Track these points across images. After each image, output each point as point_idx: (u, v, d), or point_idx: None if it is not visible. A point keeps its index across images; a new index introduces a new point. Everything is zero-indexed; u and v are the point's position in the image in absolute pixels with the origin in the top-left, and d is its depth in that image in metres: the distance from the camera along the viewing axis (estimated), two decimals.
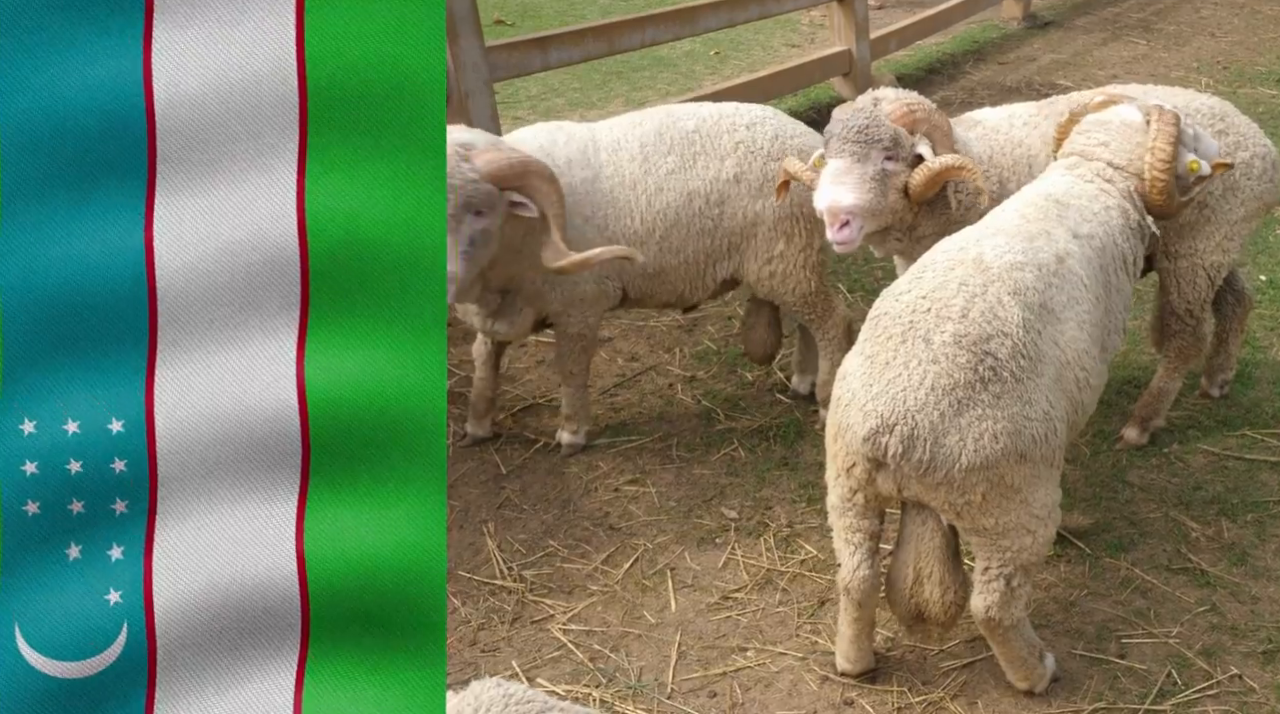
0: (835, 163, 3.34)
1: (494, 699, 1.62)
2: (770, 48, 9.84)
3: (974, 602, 2.74)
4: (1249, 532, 3.51)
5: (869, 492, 2.69)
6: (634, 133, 3.82)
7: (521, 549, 3.63)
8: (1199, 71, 8.73)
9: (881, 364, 2.56)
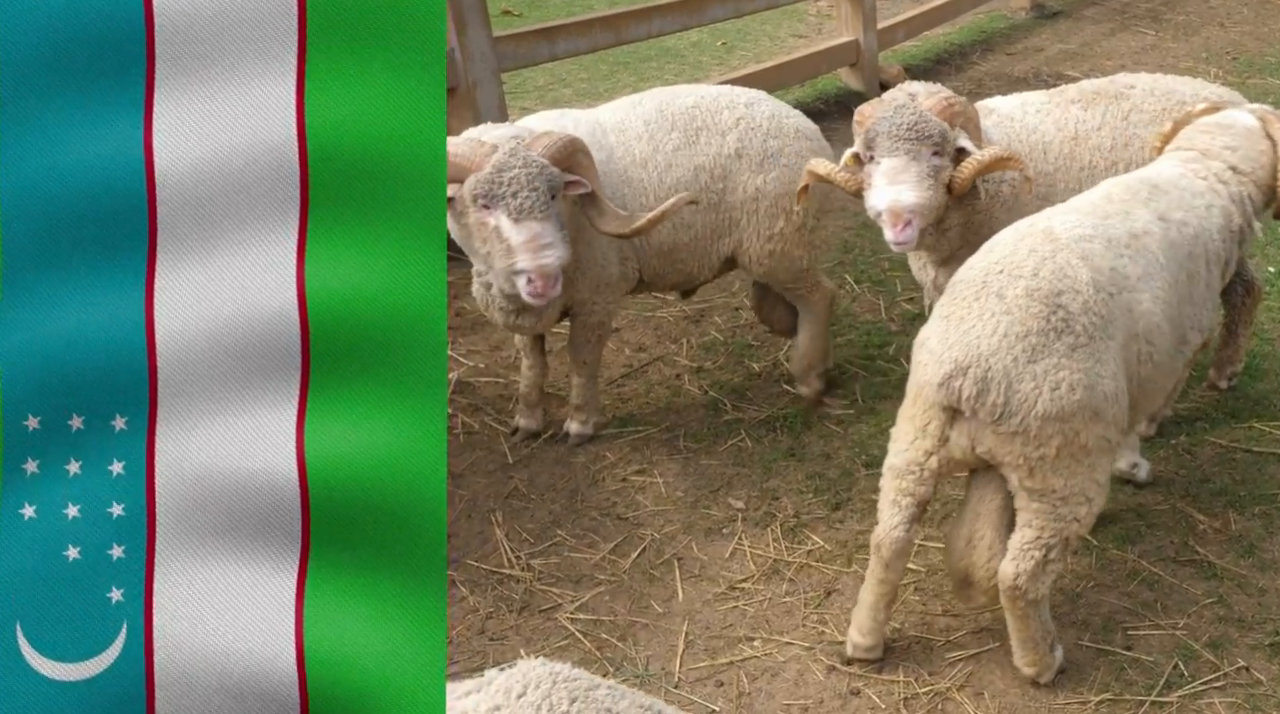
0: (890, 161, 3.28)
1: (541, 677, 1.63)
2: (777, 38, 9.82)
3: (1004, 567, 2.77)
4: (1256, 524, 3.51)
5: (943, 454, 2.75)
6: (635, 113, 3.88)
7: (529, 538, 3.64)
8: (1208, 62, 8.69)
9: (956, 320, 2.68)
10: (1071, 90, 3.93)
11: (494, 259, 3.28)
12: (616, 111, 3.91)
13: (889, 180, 3.26)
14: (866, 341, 4.68)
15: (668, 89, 4.06)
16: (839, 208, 6.13)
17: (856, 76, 7.90)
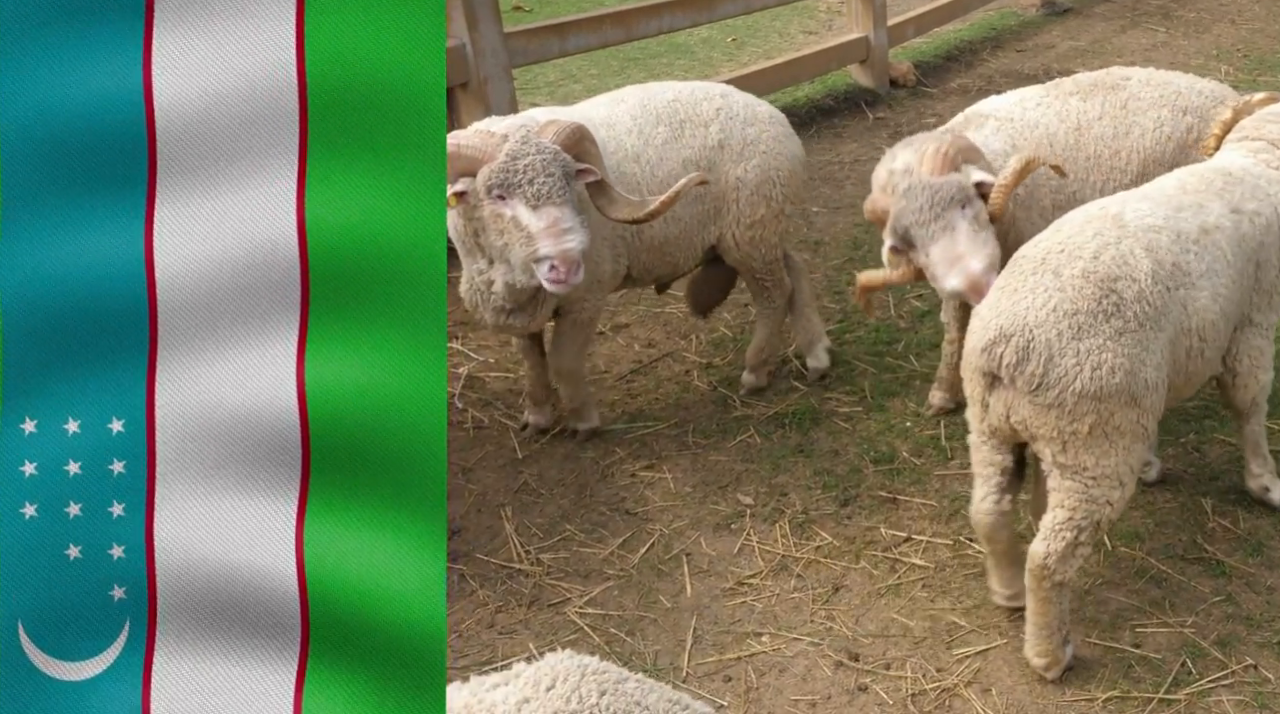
0: (938, 247, 3.19)
1: (570, 670, 1.64)
2: (787, 35, 9.81)
3: (1035, 546, 2.81)
4: (1265, 522, 3.51)
5: (988, 420, 2.81)
6: (620, 109, 3.87)
7: (539, 533, 3.66)
8: (1219, 59, 8.67)
9: (1010, 291, 2.74)
10: (1067, 83, 3.94)
11: (512, 250, 3.23)
12: (599, 108, 3.89)
13: (949, 261, 3.17)
14: (875, 338, 4.68)
15: (641, 86, 4.08)
16: (847, 204, 6.14)
17: (867, 73, 7.90)
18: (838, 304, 5.00)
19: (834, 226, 5.87)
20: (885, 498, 3.74)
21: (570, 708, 1.55)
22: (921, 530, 3.58)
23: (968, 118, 3.77)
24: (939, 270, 3.20)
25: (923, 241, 3.22)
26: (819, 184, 6.46)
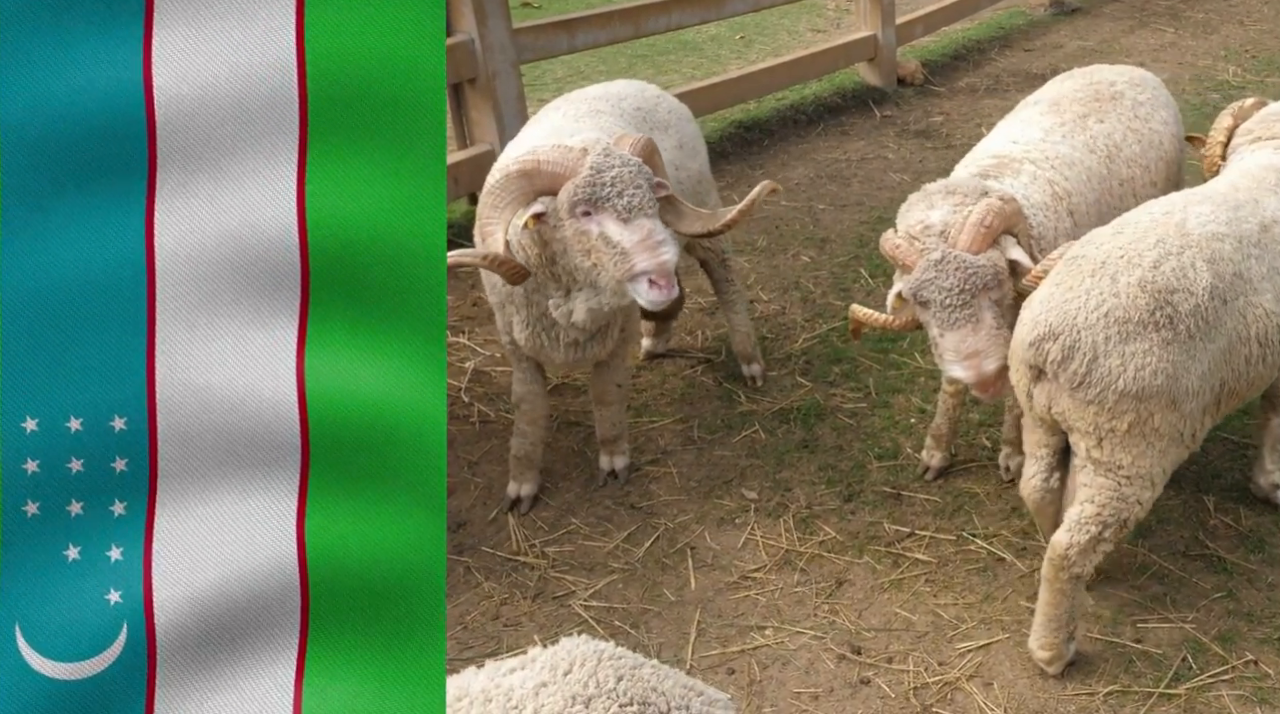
0: (953, 336, 2.99)
1: (587, 655, 1.65)
2: (796, 32, 9.82)
3: (1058, 537, 2.85)
4: (1267, 519, 3.52)
5: (1033, 410, 2.87)
6: (605, 120, 3.66)
7: (544, 526, 3.68)
8: (1227, 60, 8.66)
9: (1065, 288, 2.77)
10: (1065, 102, 3.72)
11: (602, 270, 3.03)
12: (581, 119, 3.65)
13: (961, 356, 2.99)
14: (880, 335, 4.69)
15: (598, 92, 3.92)
16: (854, 202, 6.16)
17: (874, 72, 7.90)
18: (843, 301, 5.02)
19: (840, 224, 5.88)
20: (889, 493, 3.76)
21: (588, 692, 1.57)
22: (925, 526, 3.60)
23: (1000, 162, 3.42)
24: (948, 356, 3.02)
25: (941, 322, 3.01)
26: (826, 182, 6.47)
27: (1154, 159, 3.73)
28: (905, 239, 3.15)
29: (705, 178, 4.12)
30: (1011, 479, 3.76)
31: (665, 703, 1.60)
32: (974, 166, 3.43)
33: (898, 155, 6.85)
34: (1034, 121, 3.66)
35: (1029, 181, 3.33)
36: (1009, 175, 3.35)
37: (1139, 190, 3.67)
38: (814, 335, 4.74)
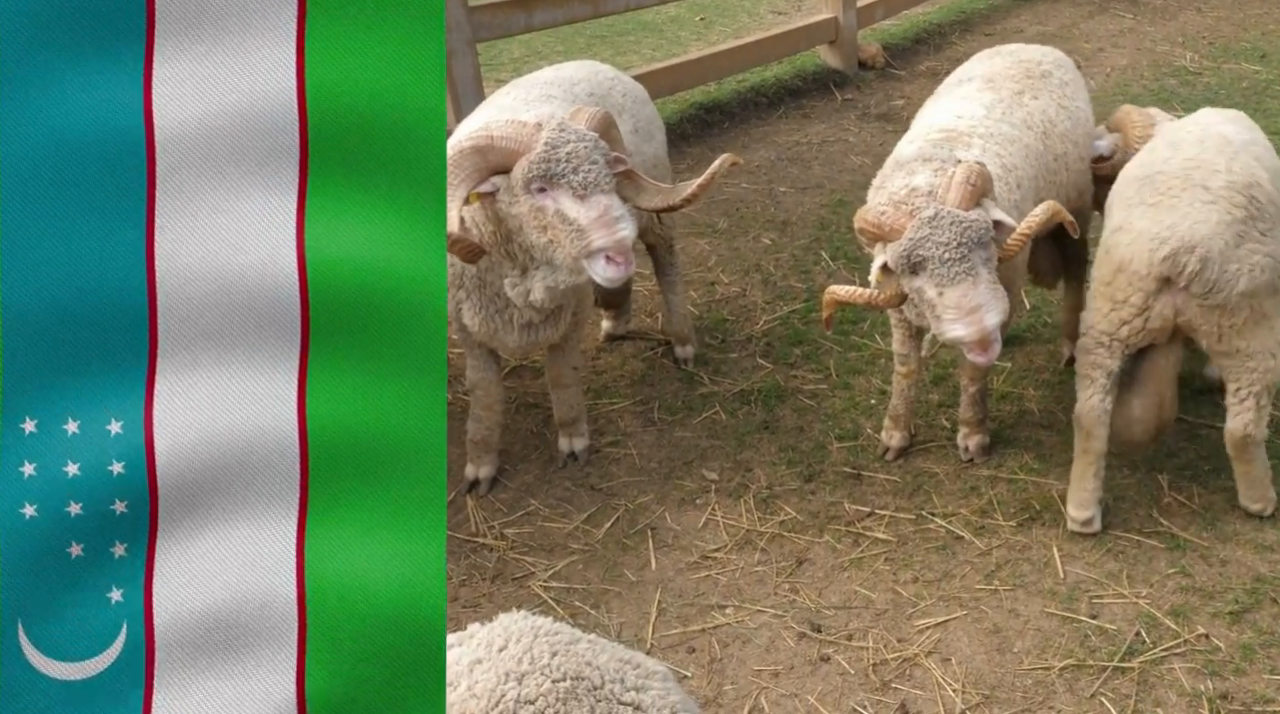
0: (954, 291, 2.98)
1: (523, 631, 1.64)
2: (756, 14, 9.80)
3: (1231, 425, 3.27)
4: (1220, 497, 3.57)
5: (1136, 323, 3.15)
6: (557, 106, 3.60)
7: (503, 508, 3.65)
8: (1184, 46, 8.75)
9: (1167, 208, 3.08)
10: (1001, 81, 3.73)
11: (558, 247, 2.99)
12: (537, 104, 3.61)
13: (963, 311, 2.98)
14: (841, 317, 4.70)
15: (549, 76, 3.88)
16: (814, 185, 6.16)
17: (835, 54, 7.90)
18: (804, 283, 5.02)
19: (801, 207, 5.88)
20: (849, 474, 3.77)
21: (522, 669, 1.56)
22: (885, 505, 3.61)
23: (949, 136, 3.44)
24: (948, 314, 3.00)
25: (940, 279, 3.00)
26: (787, 164, 6.47)
27: (1080, 136, 3.82)
28: (890, 205, 3.14)
29: (661, 162, 4.10)
30: (970, 459, 3.79)
31: (600, 676, 1.60)
32: (921, 141, 3.44)
33: (859, 138, 6.86)
34: (973, 97, 3.69)
35: (979, 154, 3.36)
36: (961, 148, 3.37)
37: (1070, 165, 3.76)
38: (775, 317, 4.74)
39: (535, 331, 3.45)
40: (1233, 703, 2.82)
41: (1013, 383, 4.23)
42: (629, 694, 1.60)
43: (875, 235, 3.16)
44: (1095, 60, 8.32)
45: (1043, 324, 4.64)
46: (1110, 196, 3.37)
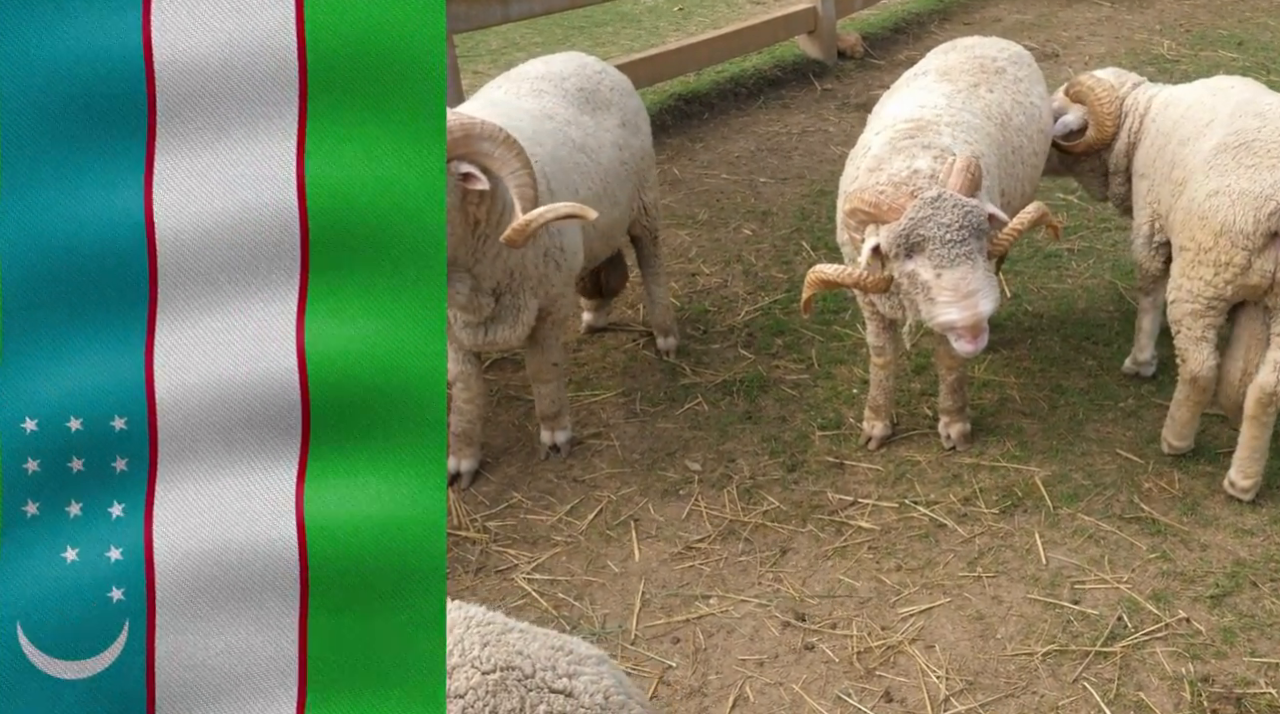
0: (952, 273, 2.96)
1: (455, 621, 1.64)
2: (735, 4, 9.78)
3: (1263, 378, 3.31)
4: (1200, 483, 3.59)
5: (1238, 283, 3.28)
6: (548, 101, 3.66)
7: (485, 501, 3.64)
8: (1161, 34, 8.78)
9: (1267, 168, 3.23)
10: (956, 75, 3.76)
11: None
12: (528, 98, 3.64)
13: (960, 294, 2.95)
14: (822, 307, 4.70)
15: (536, 69, 3.88)
16: (795, 175, 6.16)
17: (814, 44, 7.90)
18: (785, 274, 5.02)
19: (781, 197, 5.88)
20: (832, 463, 3.78)
21: (451, 662, 1.56)
22: (868, 494, 3.62)
23: (918, 125, 3.41)
24: (944, 296, 2.97)
25: (939, 260, 2.97)
26: (766, 155, 6.46)
27: (1034, 131, 3.87)
28: (890, 186, 3.12)
29: (648, 154, 4.14)
30: (952, 447, 3.80)
31: (531, 665, 1.60)
32: (891, 131, 3.43)
33: (839, 128, 6.85)
34: (932, 88, 3.70)
35: (950, 143, 3.36)
36: (932, 136, 3.36)
37: (1026, 158, 3.80)
38: (756, 307, 4.74)
39: (486, 331, 3.40)
40: (1214, 685, 2.84)
41: (994, 371, 4.25)
42: (560, 681, 1.60)
43: (870, 216, 3.12)
44: (1073, 48, 8.35)
45: (1023, 312, 4.66)
46: (1187, 172, 3.51)
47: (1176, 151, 3.65)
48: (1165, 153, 3.72)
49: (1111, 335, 4.46)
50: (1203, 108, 3.68)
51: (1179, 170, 3.57)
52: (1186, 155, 3.55)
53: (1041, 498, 3.54)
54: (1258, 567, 3.23)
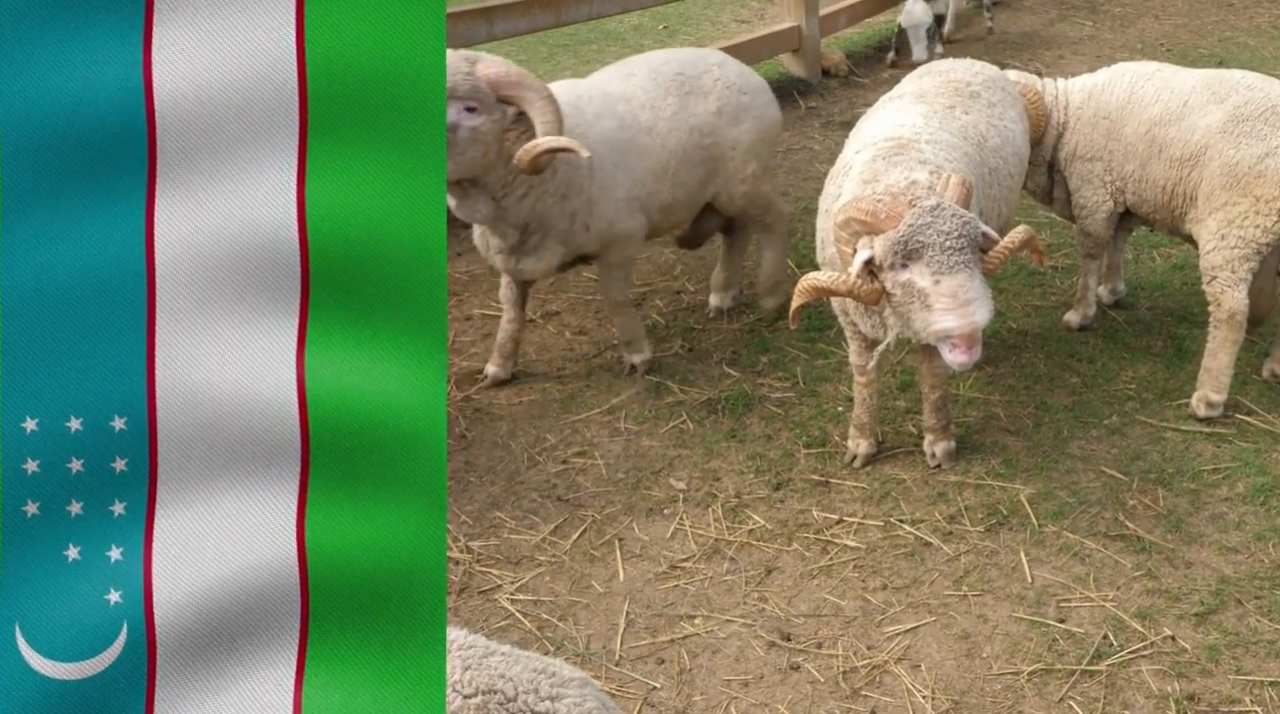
0: (951, 280, 2.97)
1: None
2: (719, 23, 9.83)
3: None
4: (1184, 500, 3.59)
5: None
6: (633, 83, 4.20)
7: (469, 520, 3.62)
8: (1143, 53, 8.85)
9: None
10: (932, 97, 3.81)
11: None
12: (614, 82, 4.22)
13: (958, 301, 2.95)
14: (808, 325, 4.70)
15: (650, 56, 4.45)
16: (780, 194, 6.17)
17: (799, 62, 7.93)
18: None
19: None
20: (817, 481, 3.77)
21: None
22: (853, 512, 3.61)
23: (899, 143, 3.43)
24: (941, 303, 2.96)
25: (938, 266, 2.96)
26: None
27: (1009, 154, 3.92)
28: (889, 196, 3.11)
29: (747, 145, 4.36)
30: (937, 465, 3.79)
31: (513, 688, 1.59)
32: (874, 149, 3.45)
33: (823, 146, 6.87)
34: (909, 109, 3.74)
35: (931, 159, 3.38)
36: (917, 153, 3.37)
37: (1001, 181, 3.84)
38: (742, 325, 4.74)
39: (511, 258, 3.97)
40: (1199, 704, 2.83)
41: (978, 388, 4.25)
42: (543, 704, 1.60)
43: (867, 225, 3.09)
44: (1056, 67, 8.40)
45: (1007, 330, 4.66)
46: (1195, 148, 3.92)
47: (1160, 133, 4.05)
48: (1131, 135, 4.12)
49: (1095, 352, 4.47)
50: (1153, 93, 4.11)
51: (1177, 148, 3.99)
52: (1183, 134, 3.97)
53: (1026, 515, 3.53)
54: (1242, 584, 3.23)
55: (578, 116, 3.87)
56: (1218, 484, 3.67)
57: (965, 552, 3.41)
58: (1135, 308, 4.83)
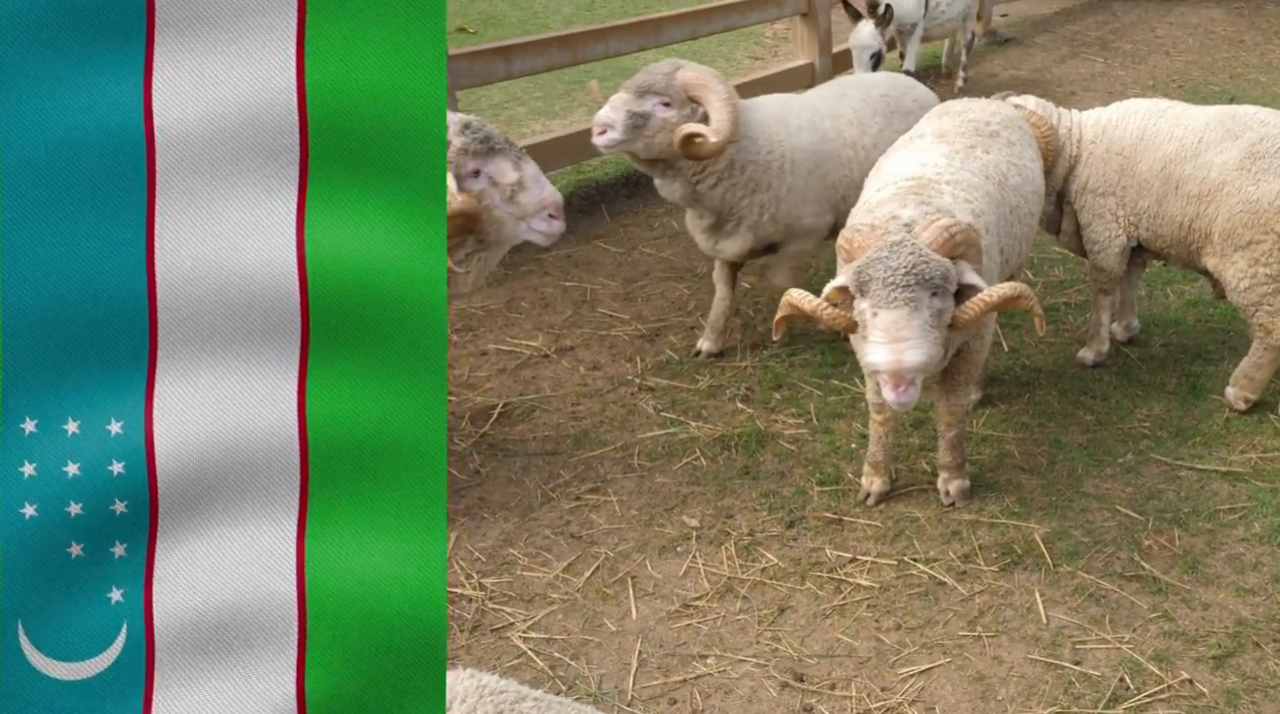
0: (888, 315, 2.97)
1: (469, 690, 1.62)
2: (734, 60, 9.90)
3: None
4: (1200, 540, 3.57)
5: None
6: (844, 103, 4.68)
7: (481, 557, 3.62)
8: (1155, 89, 8.88)
9: None
10: (953, 137, 3.82)
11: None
12: (826, 101, 4.72)
13: (889, 337, 2.95)
14: (821, 361, 4.71)
15: (859, 79, 5.11)
16: None
17: None
18: None
19: None
20: (831, 519, 3.75)
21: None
22: (866, 551, 3.59)
23: (919, 183, 3.47)
24: (875, 337, 2.98)
25: (877, 300, 2.98)
26: None
27: (1030, 192, 3.94)
28: (868, 227, 3.19)
29: None
30: (951, 503, 3.78)
31: None
32: (894, 187, 3.46)
33: None
34: (931, 148, 3.76)
35: (951, 202, 3.40)
36: (933, 195, 3.40)
37: (1023, 218, 3.86)
38: (755, 361, 4.74)
39: (709, 238, 4.51)
40: None
41: (992, 426, 4.24)
42: None
43: (847, 254, 3.27)
44: (1068, 104, 8.40)
45: (1021, 367, 4.66)
46: (1212, 184, 4.03)
47: (1175, 169, 4.13)
48: (1145, 172, 4.19)
49: (1109, 389, 4.46)
50: (1167, 131, 4.20)
51: (1193, 185, 4.08)
52: (1199, 170, 4.06)
53: (1041, 555, 3.51)
54: (1260, 626, 3.20)
55: (780, 125, 4.41)
56: (1234, 524, 3.65)
57: (980, 591, 3.39)
58: (1149, 345, 4.82)
